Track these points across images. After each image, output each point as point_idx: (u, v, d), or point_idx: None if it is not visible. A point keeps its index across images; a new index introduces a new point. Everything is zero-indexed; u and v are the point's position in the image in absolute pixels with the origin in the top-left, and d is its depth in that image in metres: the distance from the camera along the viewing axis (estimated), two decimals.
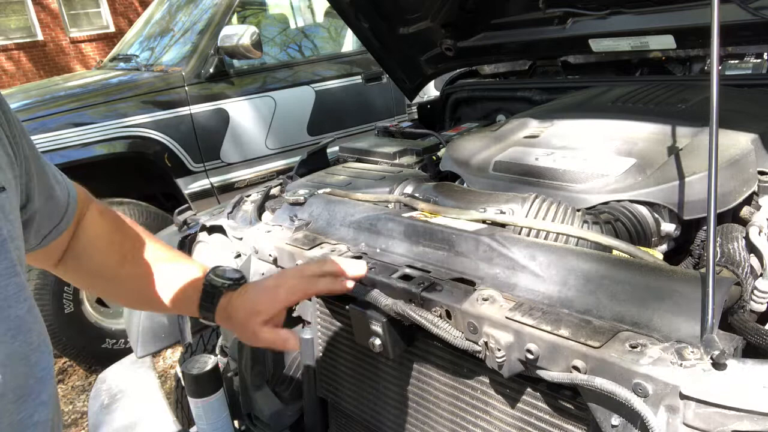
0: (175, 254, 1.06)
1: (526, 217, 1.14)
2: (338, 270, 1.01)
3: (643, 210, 1.14)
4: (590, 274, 0.92)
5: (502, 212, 1.17)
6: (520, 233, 1.12)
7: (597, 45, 1.94)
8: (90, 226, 0.95)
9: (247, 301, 0.98)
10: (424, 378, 1.13)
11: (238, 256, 1.45)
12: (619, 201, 1.15)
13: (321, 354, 1.35)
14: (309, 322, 1.36)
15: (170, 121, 3.47)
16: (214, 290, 1.00)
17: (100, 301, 3.37)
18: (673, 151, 1.23)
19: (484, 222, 1.16)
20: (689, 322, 0.79)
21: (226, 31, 3.55)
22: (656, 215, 1.15)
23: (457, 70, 2.53)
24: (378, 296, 1.03)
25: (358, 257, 1.17)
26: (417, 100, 2.60)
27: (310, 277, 0.99)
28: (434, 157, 1.74)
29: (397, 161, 1.75)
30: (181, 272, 1.01)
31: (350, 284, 1.01)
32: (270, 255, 1.33)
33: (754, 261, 0.99)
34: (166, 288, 1.00)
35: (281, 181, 1.74)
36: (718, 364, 0.71)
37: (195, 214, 1.70)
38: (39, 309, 0.66)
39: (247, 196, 1.63)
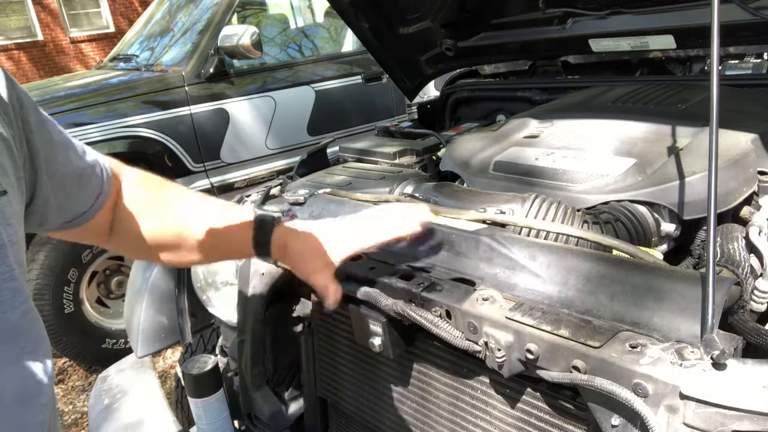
0: (218, 203, 1.06)
1: (526, 217, 1.14)
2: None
3: (643, 210, 1.14)
4: (590, 274, 0.92)
5: (502, 212, 1.17)
6: (520, 233, 1.12)
7: (597, 45, 1.94)
8: (125, 198, 0.96)
9: (309, 237, 1.01)
10: (424, 378, 1.13)
11: None
12: (619, 201, 1.15)
13: (321, 354, 1.35)
14: (309, 322, 1.37)
15: (170, 121, 3.47)
16: (265, 222, 1.00)
17: (100, 301, 3.38)
18: (673, 151, 1.23)
19: (484, 222, 1.15)
20: (689, 322, 0.79)
21: (226, 31, 3.55)
22: (656, 215, 1.15)
23: (457, 70, 2.53)
24: (378, 296, 1.03)
25: (358, 257, 1.16)
26: (417, 100, 2.60)
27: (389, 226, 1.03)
28: (434, 157, 1.74)
29: (397, 161, 1.75)
30: (228, 216, 1.02)
31: (418, 227, 1.06)
32: None
33: (754, 261, 0.99)
34: (218, 235, 1.00)
35: (281, 181, 1.74)
36: (718, 364, 0.71)
37: None
38: (39, 310, 0.66)
39: (247, 196, 1.63)
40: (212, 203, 1.05)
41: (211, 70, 3.62)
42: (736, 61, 1.80)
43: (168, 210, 0.99)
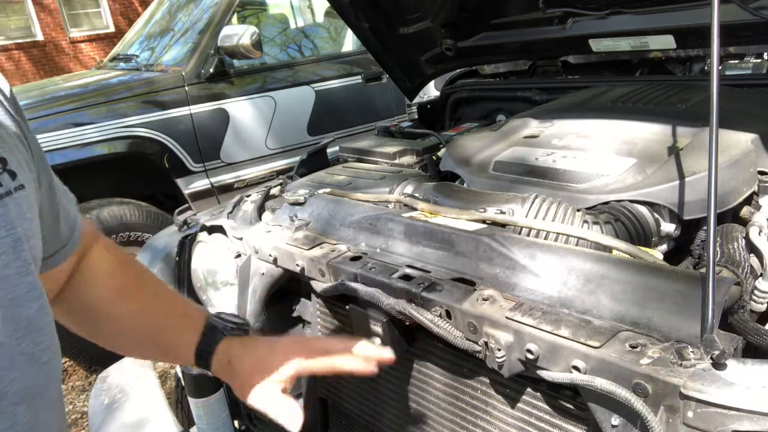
0: (177, 298, 1.00)
1: (526, 217, 1.14)
2: (363, 354, 0.90)
3: (643, 210, 1.14)
4: (590, 274, 0.92)
5: (502, 212, 1.17)
6: (520, 233, 1.12)
7: (597, 45, 1.94)
8: (94, 259, 0.91)
9: (257, 354, 0.91)
10: (424, 378, 1.13)
11: (238, 256, 1.45)
12: (619, 201, 1.15)
13: None
14: (309, 322, 1.37)
15: (170, 121, 3.47)
16: (214, 333, 0.93)
17: None
18: (673, 151, 1.23)
19: (484, 222, 1.15)
20: (689, 322, 0.79)
21: (226, 31, 3.55)
22: (656, 215, 1.15)
23: (457, 70, 2.53)
24: (379, 296, 1.03)
25: (358, 258, 1.16)
26: (417, 100, 2.60)
27: (334, 352, 0.89)
28: (434, 157, 1.74)
29: (397, 161, 1.75)
30: (180, 314, 0.95)
31: (375, 369, 0.90)
32: (270, 255, 1.33)
33: (754, 261, 0.99)
34: (161, 329, 0.94)
35: (281, 181, 1.74)
36: (718, 364, 0.71)
37: (195, 214, 1.70)
38: None
39: (247, 196, 1.63)
40: (169, 297, 0.98)
41: (211, 70, 3.62)
42: (736, 61, 1.80)
43: (128, 288, 0.93)
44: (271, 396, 0.87)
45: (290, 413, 0.85)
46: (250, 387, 0.88)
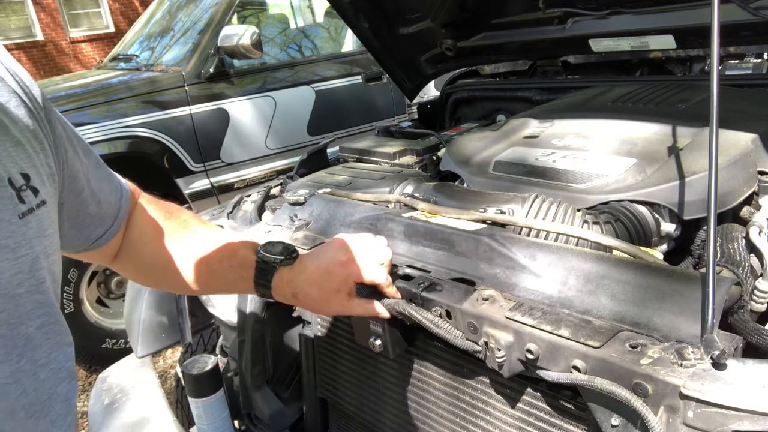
0: (225, 235, 1.05)
1: (526, 217, 1.14)
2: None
3: (643, 210, 1.14)
4: (590, 274, 0.92)
5: (502, 212, 1.17)
6: (520, 233, 1.12)
7: (597, 45, 1.94)
8: (138, 220, 0.95)
9: (314, 279, 0.97)
10: (424, 378, 1.13)
11: None
12: (619, 201, 1.15)
13: (321, 354, 1.35)
14: (309, 322, 1.36)
15: (170, 121, 3.47)
16: (266, 266, 0.98)
17: (100, 301, 3.37)
18: (673, 151, 1.23)
19: (484, 222, 1.15)
20: (689, 322, 0.79)
21: (226, 31, 3.55)
22: (656, 215, 1.15)
23: (457, 70, 2.53)
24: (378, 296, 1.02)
25: None
26: (417, 100, 2.60)
27: (377, 264, 0.98)
28: (434, 157, 1.74)
29: (397, 161, 1.75)
30: (232, 252, 1.00)
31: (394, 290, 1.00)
32: None
33: (754, 261, 0.99)
34: (220, 270, 0.99)
35: (281, 181, 1.74)
36: (718, 364, 0.71)
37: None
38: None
39: (248, 196, 1.63)
40: (216, 236, 1.02)
41: (211, 70, 3.62)
42: (736, 61, 1.80)
43: (177, 238, 0.98)
44: (357, 307, 0.98)
45: (375, 310, 0.98)
46: (324, 308, 1.02)
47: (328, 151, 1.94)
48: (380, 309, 0.98)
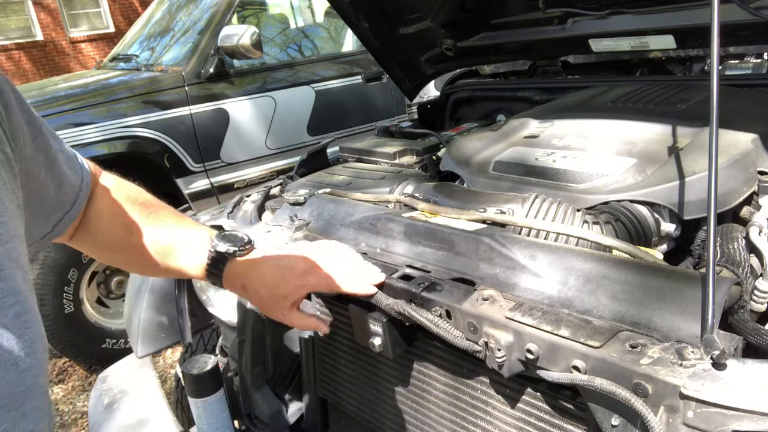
0: (182, 219, 1.05)
1: (526, 217, 1.14)
2: (365, 272, 1.03)
3: (643, 210, 1.14)
4: (590, 274, 0.92)
5: (502, 212, 1.17)
6: (520, 233, 1.12)
7: (597, 45, 1.94)
8: (97, 200, 0.94)
9: (268, 279, 0.98)
10: (424, 378, 1.13)
11: None
12: (619, 201, 1.15)
13: (321, 354, 1.35)
14: None
15: (170, 121, 3.47)
16: (219, 256, 0.99)
17: (100, 301, 3.38)
18: (673, 151, 1.23)
19: (484, 222, 1.16)
20: (689, 322, 0.79)
21: (226, 31, 3.55)
22: (656, 215, 1.15)
23: (457, 70, 2.53)
24: (378, 296, 1.02)
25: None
26: (417, 100, 2.60)
27: (339, 271, 1.00)
28: (434, 157, 1.74)
29: (397, 161, 1.75)
30: (188, 239, 1.01)
31: (373, 289, 1.02)
32: None
33: (754, 261, 0.99)
34: (174, 256, 1.00)
35: (281, 181, 1.74)
36: (718, 364, 0.71)
37: (195, 214, 1.70)
38: (39, 310, 0.64)
39: (247, 196, 1.63)
40: (174, 219, 1.03)
41: (211, 70, 3.62)
42: (736, 61, 1.80)
43: (134, 219, 0.98)
44: (296, 318, 1.01)
45: (313, 324, 1.02)
46: (265, 308, 1.02)
47: (328, 151, 1.94)
48: (317, 326, 1.04)
